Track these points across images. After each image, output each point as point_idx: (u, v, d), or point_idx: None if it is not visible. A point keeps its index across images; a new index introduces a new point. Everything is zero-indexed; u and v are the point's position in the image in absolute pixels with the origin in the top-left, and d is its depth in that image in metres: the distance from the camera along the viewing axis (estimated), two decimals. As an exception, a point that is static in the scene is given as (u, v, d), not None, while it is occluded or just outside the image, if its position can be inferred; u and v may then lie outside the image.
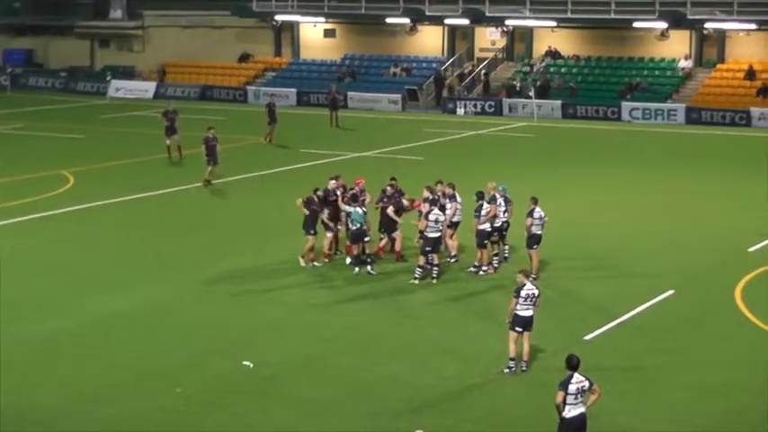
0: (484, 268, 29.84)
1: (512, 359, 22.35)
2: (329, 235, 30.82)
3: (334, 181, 31.50)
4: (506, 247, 30.89)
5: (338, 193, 30.93)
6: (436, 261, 29.23)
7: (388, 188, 31.30)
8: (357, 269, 29.90)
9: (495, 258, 30.17)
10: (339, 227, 30.88)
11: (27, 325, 25.34)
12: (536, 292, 22.47)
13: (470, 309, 27.11)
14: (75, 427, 19.97)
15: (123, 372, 22.55)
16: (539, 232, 29.26)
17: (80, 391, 21.47)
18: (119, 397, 21.25)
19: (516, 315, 22.31)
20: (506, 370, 22.34)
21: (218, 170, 42.99)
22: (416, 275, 29.13)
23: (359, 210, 29.90)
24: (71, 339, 24.70)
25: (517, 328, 22.30)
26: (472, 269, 29.98)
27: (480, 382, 22.09)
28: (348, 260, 30.54)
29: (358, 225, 29.73)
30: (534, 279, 28.56)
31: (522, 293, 22.27)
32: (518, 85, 69.47)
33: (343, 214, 30.55)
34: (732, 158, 51.98)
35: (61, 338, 24.72)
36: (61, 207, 38.73)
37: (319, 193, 30.74)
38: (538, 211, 29.18)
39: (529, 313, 22.38)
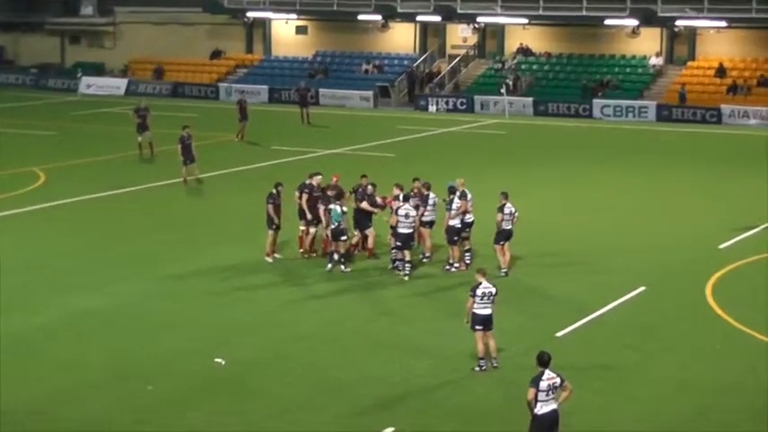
0: (456, 265, 29.88)
1: (481, 358, 22.39)
2: (312, 231, 30.80)
3: (319, 176, 31.38)
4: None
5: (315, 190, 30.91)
6: (408, 257, 29.24)
7: (369, 187, 31.08)
8: (330, 266, 29.88)
9: (466, 255, 30.20)
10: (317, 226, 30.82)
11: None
12: (493, 290, 22.49)
13: (442, 305, 27.14)
14: (50, 427, 19.92)
15: (97, 371, 22.52)
16: (508, 227, 29.33)
17: (54, 390, 21.43)
18: (93, 396, 21.21)
19: (475, 314, 22.35)
20: (477, 368, 22.39)
21: (193, 168, 42.83)
22: (407, 272, 29.10)
23: (338, 208, 29.79)
24: (44, 338, 24.60)
25: (477, 327, 22.33)
26: (445, 266, 30.03)
27: (451, 379, 22.14)
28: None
29: (336, 224, 29.66)
30: (505, 275, 28.81)
31: (479, 292, 22.28)
32: (510, 82, 68.69)
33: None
34: (703, 156, 52.21)
35: (34, 337, 24.62)
36: (32, 204, 38.54)
37: (280, 188, 30.70)
38: (509, 207, 29.26)
39: (487, 311, 22.40)
